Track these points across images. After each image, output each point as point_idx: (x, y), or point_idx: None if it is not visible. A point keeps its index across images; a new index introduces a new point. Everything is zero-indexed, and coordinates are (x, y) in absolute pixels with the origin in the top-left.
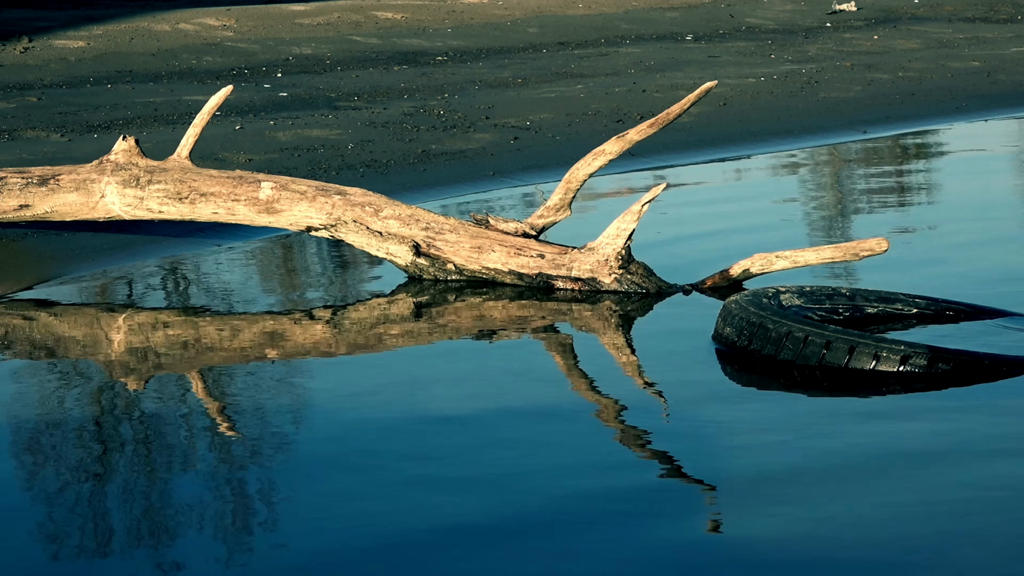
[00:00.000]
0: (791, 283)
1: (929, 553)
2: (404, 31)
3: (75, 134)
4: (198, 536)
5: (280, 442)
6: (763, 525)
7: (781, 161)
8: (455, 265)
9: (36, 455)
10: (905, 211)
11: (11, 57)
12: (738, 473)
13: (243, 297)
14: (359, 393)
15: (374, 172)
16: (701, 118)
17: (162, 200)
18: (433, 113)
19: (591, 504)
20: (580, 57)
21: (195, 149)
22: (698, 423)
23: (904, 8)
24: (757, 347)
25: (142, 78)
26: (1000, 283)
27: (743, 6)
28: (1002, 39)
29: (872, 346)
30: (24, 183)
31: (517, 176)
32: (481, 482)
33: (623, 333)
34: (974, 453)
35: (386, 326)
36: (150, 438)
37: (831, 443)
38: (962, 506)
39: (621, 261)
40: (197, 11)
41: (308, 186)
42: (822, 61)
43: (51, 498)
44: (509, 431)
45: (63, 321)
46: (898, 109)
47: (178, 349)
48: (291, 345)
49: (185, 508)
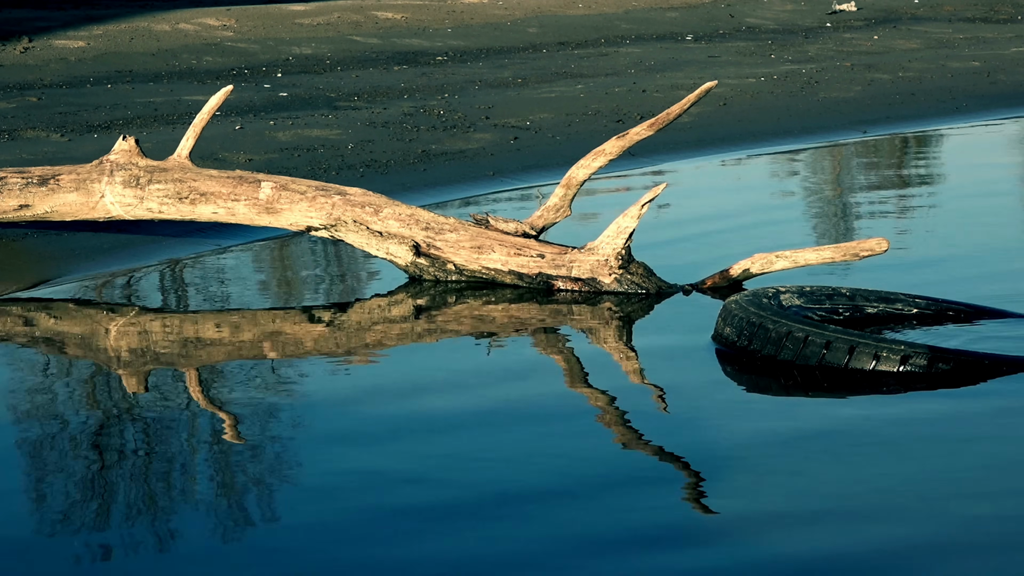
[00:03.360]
0: (791, 283)
1: (929, 553)
2: (404, 31)
3: (75, 134)
4: (198, 533)
5: (279, 442)
6: (763, 525)
7: (781, 161)
8: (455, 265)
9: (36, 455)
10: (905, 211)
11: (11, 57)
12: (738, 473)
13: (243, 297)
14: (359, 393)
15: (374, 172)
16: (701, 118)
17: (162, 200)
18: (433, 113)
19: (592, 504)
20: (580, 57)
21: (195, 149)
22: (698, 423)
23: (904, 8)
24: (757, 347)
25: (142, 78)
26: (1000, 283)
27: (743, 6)
28: (1002, 39)
29: (872, 346)
30: (24, 183)
31: (517, 176)
32: (480, 482)
33: (623, 333)
34: (974, 453)
35: (386, 327)
36: (149, 439)
37: (831, 443)
38: (963, 505)
39: (621, 261)
40: (197, 11)
41: (308, 186)
42: (822, 61)
43: (52, 498)
44: (509, 432)
45: (63, 321)
46: (898, 109)
47: (177, 349)
48: (291, 345)
49: (184, 503)
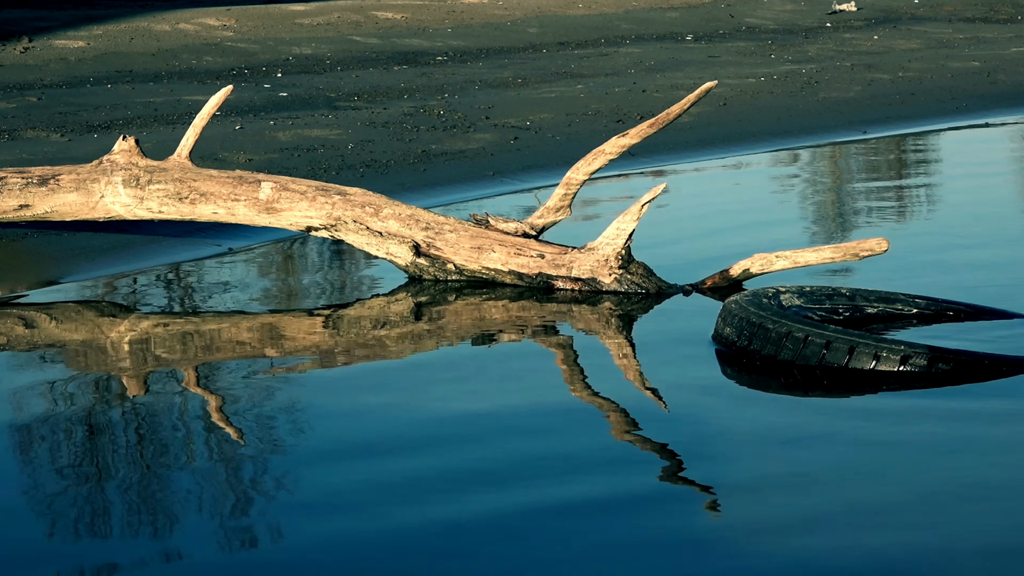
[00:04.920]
0: (791, 283)
1: (929, 554)
2: (404, 31)
3: (75, 134)
4: (197, 522)
5: (278, 442)
6: (763, 525)
7: (781, 161)
8: (455, 265)
9: (36, 454)
10: (905, 211)
11: (11, 57)
12: (738, 474)
13: (243, 297)
14: (358, 394)
15: (374, 172)
16: (701, 118)
17: (162, 200)
18: (433, 113)
19: (591, 504)
20: (580, 57)
21: (195, 149)
22: (698, 423)
23: (904, 8)
24: (757, 347)
25: (142, 78)
26: (1000, 283)
27: (743, 6)
28: (1002, 39)
29: (872, 346)
30: (24, 183)
31: (517, 176)
32: (479, 483)
33: (623, 334)
34: (974, 453)
35: (386, 327)
36: (146, 438)
37: (831, 443)
38: (962, 506)
39: (621, 261)
40: (197, 11)
41: (308, 186)
42: (822, 61)
43: (50, 498)
44: (508, 433)
45: (63, 321)
46: (898, 109)
47: (177, 349)
48: (290, 345)
49: (184, 497)
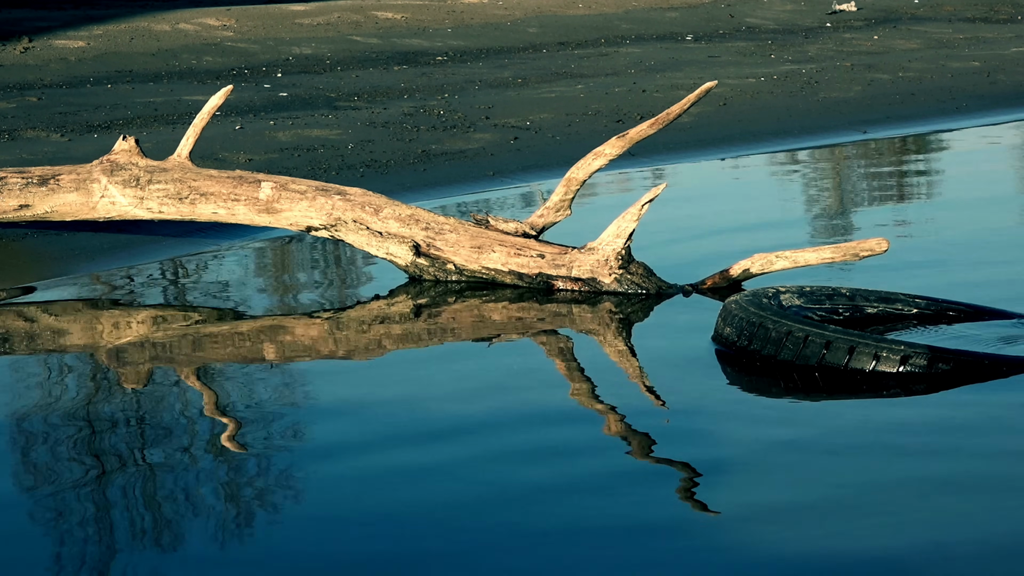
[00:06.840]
0: (791, 283)
1: (929, 554)
2: (404, 31)
3: (75, 134)
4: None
5: (277, 442)
6: (762, 526)
7: (781, 161)
8: (455, 265)
9: (34, 454)
10: (905, 211)
11: (11, 57)
12: (738, 473)
13: (242, 297)
14: (358, 394)
15: (374, 172)
16: (701, 118)
17: (162, 200)
18: (433, 113)
19: (591, 505)
20: (580, 57)
21: (195, 149)
22: (698, 424)
23: (904, 8)
24: (757, 347)
25: (142, 78)
26: (1000, 283)
27: (743, 6)
28: (1002, 39)
29: (872, 346)
30: (24, 183)
31: (517, 176)
32: (479, 483)
33: (623, 334)
34: (974, 453)
35: (386, 327)
36: (145, 439)
37: (830, 444)
38: (963, 506)
39: (621, 261)
40: (197, 11)
41: (308, 186)
42: (822, 61)
43: (50, 498)
44: (508, 434)
45: (63, 321)
46: (898, 109)
47: (176, 349)
48: (290, 346)
49: (183, 494)
